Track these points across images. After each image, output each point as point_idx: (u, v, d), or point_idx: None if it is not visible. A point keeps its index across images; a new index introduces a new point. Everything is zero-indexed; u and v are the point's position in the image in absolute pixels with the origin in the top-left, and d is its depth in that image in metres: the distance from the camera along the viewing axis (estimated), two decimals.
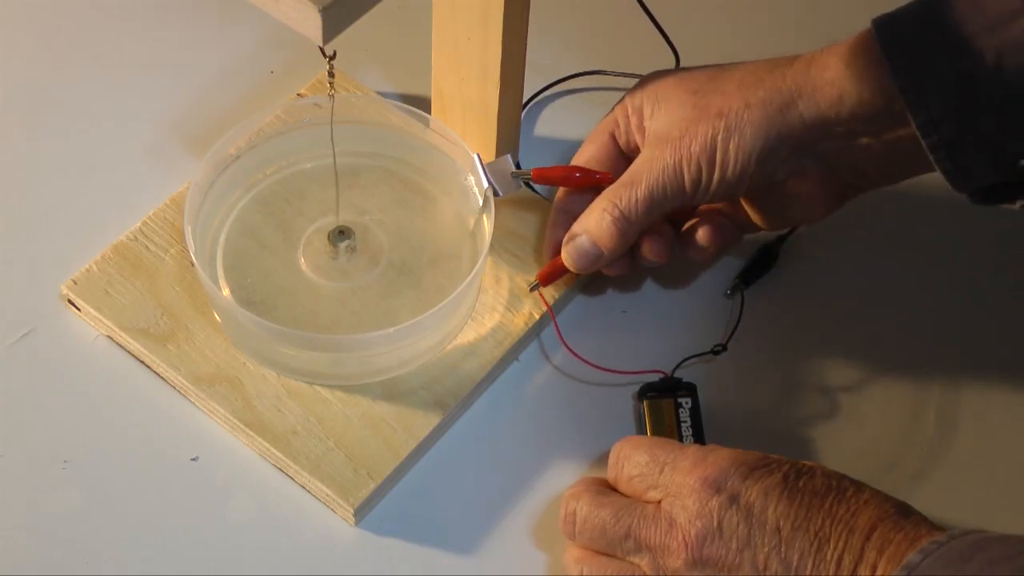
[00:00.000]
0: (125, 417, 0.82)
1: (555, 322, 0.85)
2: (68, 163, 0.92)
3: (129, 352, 0.84)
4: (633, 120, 0.84)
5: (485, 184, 0.86)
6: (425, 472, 0.81)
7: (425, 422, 0.81)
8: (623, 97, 0.85)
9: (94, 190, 0.91)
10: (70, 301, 0.85)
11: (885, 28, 0.75)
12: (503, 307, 0.86)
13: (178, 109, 0.96)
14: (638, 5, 0.92)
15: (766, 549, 0.69)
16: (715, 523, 0.70)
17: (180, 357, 0.82)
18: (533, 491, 0.80)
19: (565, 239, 0.84)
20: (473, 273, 0.82)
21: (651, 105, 0.83)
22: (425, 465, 0.81)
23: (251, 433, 0.80)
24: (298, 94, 0.95)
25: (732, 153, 0.79)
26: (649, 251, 0.84)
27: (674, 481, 0.73)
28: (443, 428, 0.82)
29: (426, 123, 0.89)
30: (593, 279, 0.89)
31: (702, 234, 0.85)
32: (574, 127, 0.94)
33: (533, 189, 0.92)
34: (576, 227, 0.84)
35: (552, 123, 0.97)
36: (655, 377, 0.84)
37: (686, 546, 0.71)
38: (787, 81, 0.78)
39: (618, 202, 0.81)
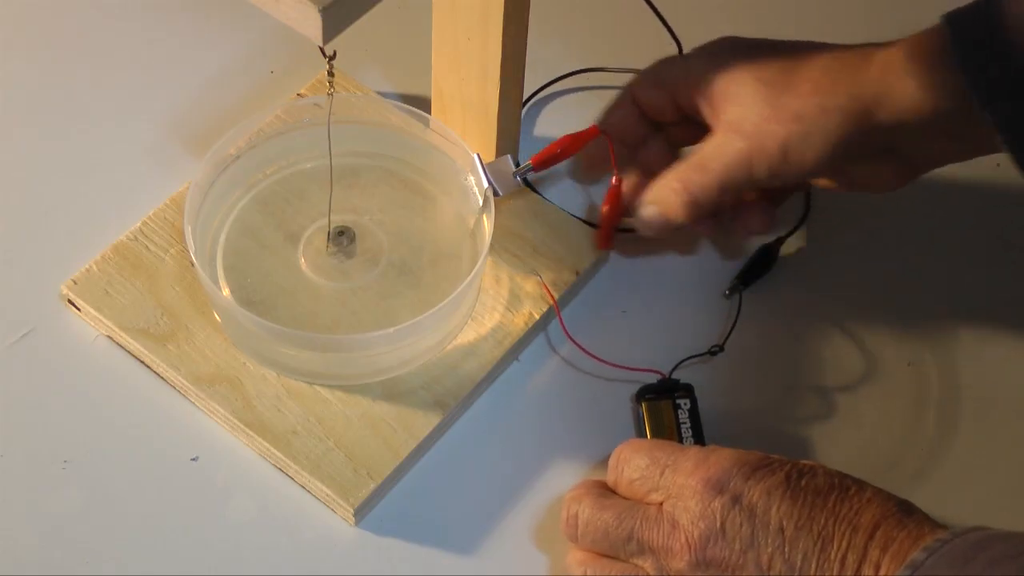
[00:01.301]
0: (125, 417, 0.82)
1: (559, 315, 0.85)
2: (68, 163, 0.92)
3: (129, 352, 0.84)
4: (704, 103, 0.84)
5: (485, 184, 0.86)
6: (425, 472, 0.81)
7: (425, 422, 0.81)
8: (687, 60, 0.85)
9: (94, 190, 0.91)
10: (70, 301, 0.85)
11: (954, 27, 0.75)
12: (503, 307, 0.86)
13: (178, 109, 0.96)
14: (636, 0, 0.92)
15: (770, 549, 0.69)
16: (718, 524, 0.70)
17: (180, 357, 0.82)
18: (533, 491, 0.80)
19: (637, 203, 0.85)
20: (473, 273, 0.82)
21: (723, 90, 0.82)
22: (425, 465, 0.81)
23: (251, 433, 0.80)
24: (298, 94, 0.95)
25: (809, 155, 0.80)
26: (753, 224, 0.87)
27: (675, 483, 0.73)
28: (443, 428, 0.82)
29: (426, 123, 0.89)
30: (592, 280, 0.89)
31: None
32: (574, 125, 0.94)
33: (532, 188, 0.92)
34: (649, 196, 0.85)
35: (552, 121, 0.97)
36: (653, 377, 0.84)
37: (689, 547, 0.71)
38: (865, 88, 0.78)
39: (690, 185, 0.82)
